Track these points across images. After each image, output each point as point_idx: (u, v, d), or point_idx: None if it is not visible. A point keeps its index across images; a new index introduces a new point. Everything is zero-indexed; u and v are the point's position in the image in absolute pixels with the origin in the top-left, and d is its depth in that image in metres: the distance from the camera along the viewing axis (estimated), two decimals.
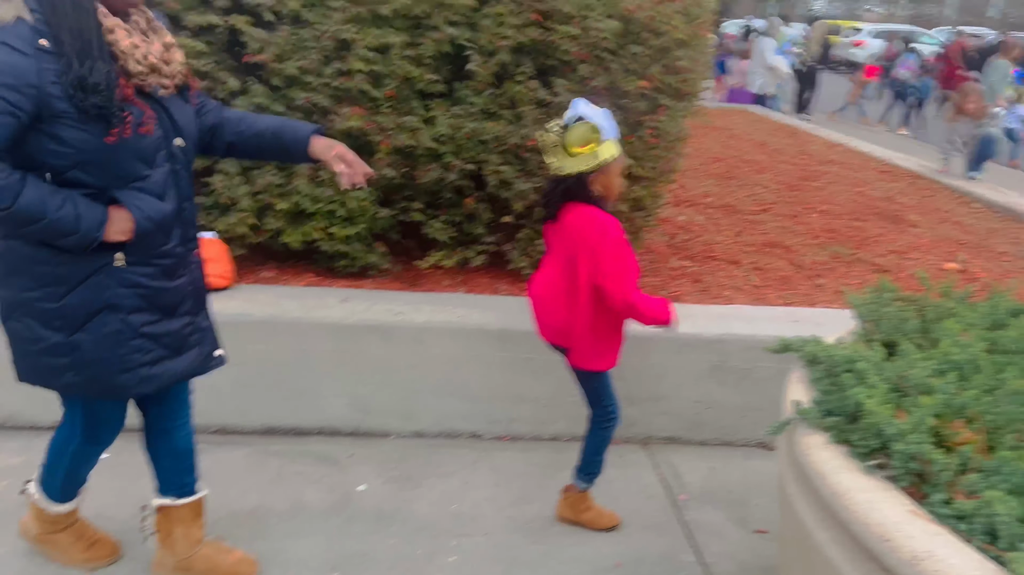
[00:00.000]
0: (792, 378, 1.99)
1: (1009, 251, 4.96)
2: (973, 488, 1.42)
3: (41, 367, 1.94)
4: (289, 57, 3.17)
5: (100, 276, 1.86)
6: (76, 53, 1.67)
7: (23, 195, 1.69)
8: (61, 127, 1.71)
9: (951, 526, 1.39)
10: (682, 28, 3.45)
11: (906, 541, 1.36)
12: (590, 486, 2.71)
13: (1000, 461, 1.43)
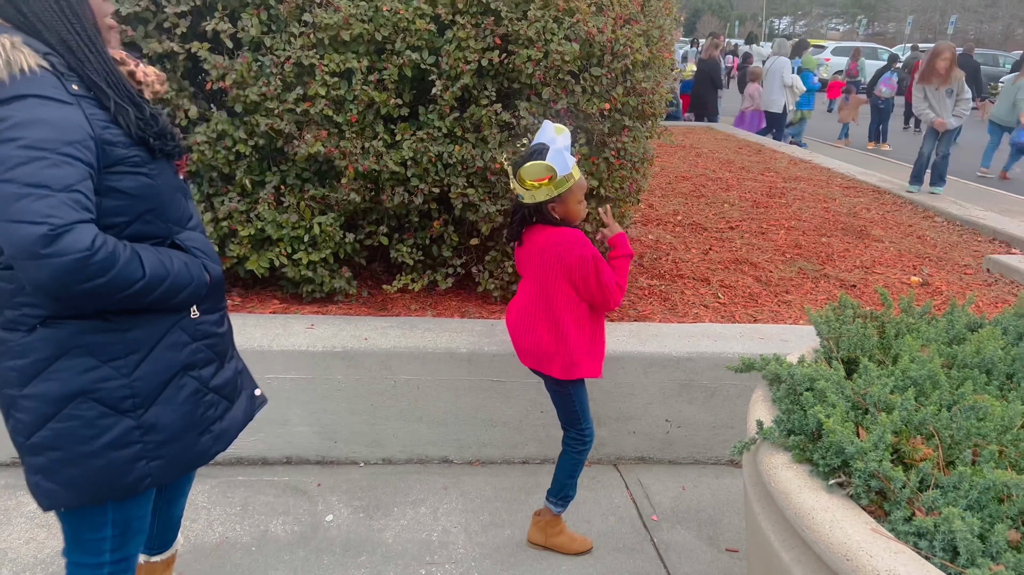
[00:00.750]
0: (755, 397, 1.99)
1: (971, 264, 5.04)
2: (933, 505, 1.42)
3: (102, 470, 1.58)
4: (250, 83, 3.16)
5: (176, 333, 1.65)
6: (115, 92, 1.51)
7: (145, 260, 1.51)
8: (118, 177, 1.51)
9: (912, 543, 1.39)
10: (643, 50, 3.49)
11: (868, 560, 1.36)
12: (563, 510, 2.69)
13: (959, 477, 1.44)
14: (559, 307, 2.40)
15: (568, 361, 2.44)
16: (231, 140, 3.25)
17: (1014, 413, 1.62)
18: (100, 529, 1.69)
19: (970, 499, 1.41)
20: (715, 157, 8.40)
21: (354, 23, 3.14)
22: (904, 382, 1.77)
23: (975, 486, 1.41)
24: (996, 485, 1.40)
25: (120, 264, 1.45)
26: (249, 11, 3.16)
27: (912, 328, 2.11)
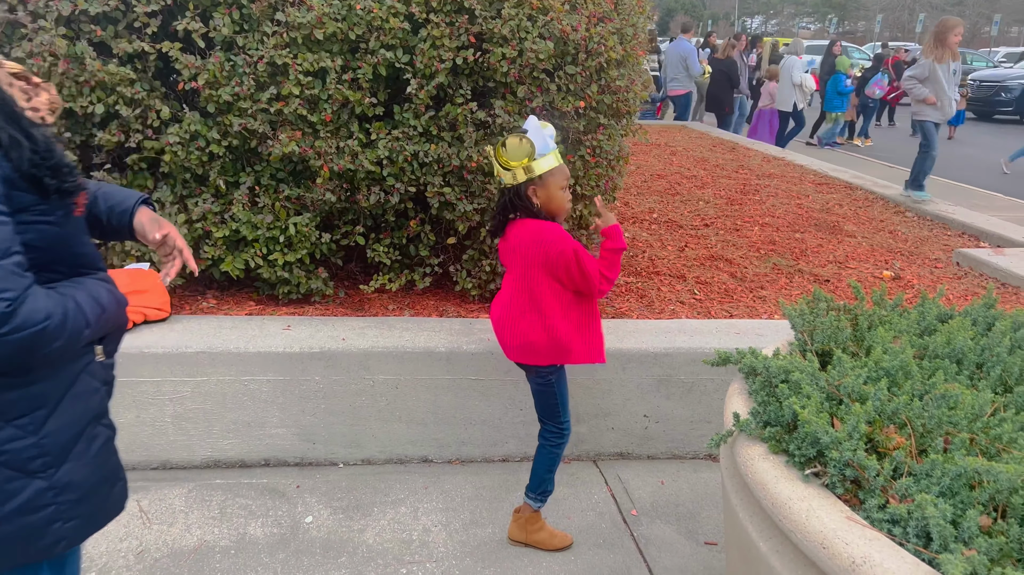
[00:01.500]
0: (732, 390, 2.01)
1: (941, 258, 5.12)
2: (906, 492, 1.45)
3: (12, 536, 1.38)
4: (223, 83, 3.13)
5: (85, 380, 1.47)
6: (8, 124, 1.29)
7: (81, 302, 1.36)
8: (24, 226, 1.30)
9: (886, 530, 1.41)
10: (616, 48, 3.50)
11: (844, 547, 1.37)
12: (542, 505, 2.70)
13: (931, 464, 1.46)
14: (543, 298, 2.42)
15: (557, 348, 2.45)
16: (204, 141, 3.22)
17: (984, 401, 1.65)
18: None
19: (942, 486, 1.43)
20: (690, 155, 8.46)
21: (327, 22, 3.13)
22: (877, 373, 1.79)
23: (947, 473, 1.43)
24: (967, 472, 1.42)
25: (70, 318, 1.32)
26: (221, 10, 3.14)
27: (884, 320, 2.14)
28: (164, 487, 2.98)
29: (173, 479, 3.05)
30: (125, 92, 3.10)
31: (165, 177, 3.38)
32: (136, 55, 3.17)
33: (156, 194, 3.33)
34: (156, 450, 3.11)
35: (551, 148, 2.37)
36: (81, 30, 3.12)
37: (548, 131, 2.39)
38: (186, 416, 3.08)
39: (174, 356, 3.00)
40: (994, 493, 1.41)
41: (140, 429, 3.07)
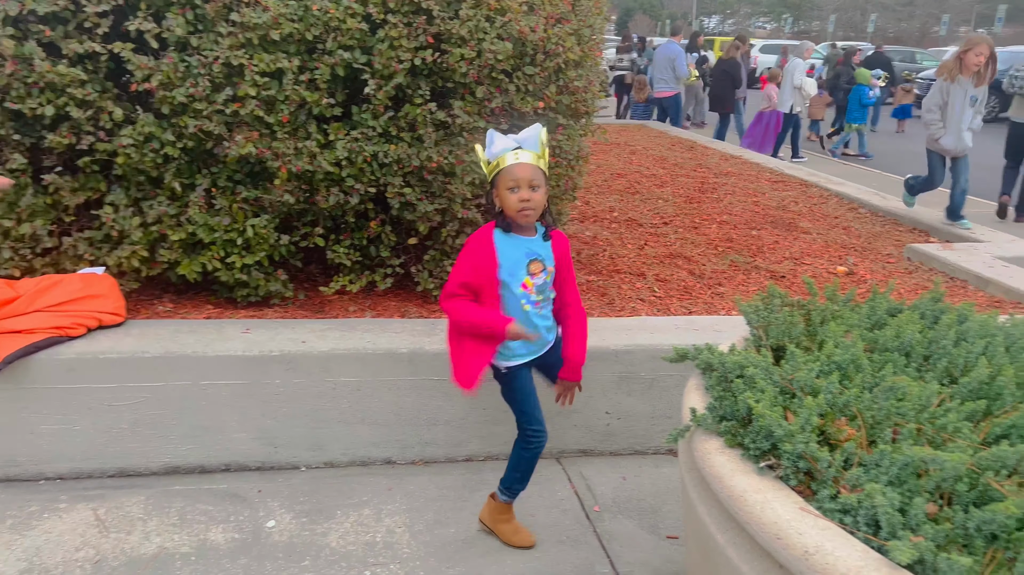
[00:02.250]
0: (689, 386, 2.04)
1: (893, 253, 5.24)
2: (856, 482, 1.49)
3: None
4: (177, 85, 3.09)
5: None
6: None
7: None
8: None
9: (838, 520, 1.45)
10: (574, 49, 3.53)
11: (797, 538, 1.41)
12: (510, 499, 2.72)
13: (880, 454, 1.51)
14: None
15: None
16: (159, 143, 3.17)
17: (930, 392, 1.71)
18: None
19: (891, 475, 1.48)
20: (649, 154, 8.55)
21: (284, 23, 3.11)
22: (829, 366, 1.84)
23: (895, 463, 1.48)
24: (914, 461, 1.47)
25: None
26: (174, 10, 3.10)
27: (836, 315, 2.20)
28: (121, 495, 2.93)
29: (131, 486, 3.00)
30: (76, 93, 3.04)
31: (119, 180, 3.33)
32: (87, 56, 3.11)
33: (110, 197, 3.28)
34: (113, 457, 3.06)
35: (508, 149, 2.36)
36: (29, 30, 3.05)
37: (527, 131, 2.40)
38: (144, 422, 3.03)
39: (130, 361, 2.96)
40: (940, 481, 1.45)
41: (96, 436, 3.02)
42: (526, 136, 2.39)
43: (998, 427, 1.64)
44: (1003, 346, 1.99)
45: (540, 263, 2.46)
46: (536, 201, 2.37)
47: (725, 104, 12.33)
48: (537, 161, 2.38)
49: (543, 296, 2.51)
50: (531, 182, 2.36)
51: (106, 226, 3.25)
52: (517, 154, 2.36)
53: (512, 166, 2.35)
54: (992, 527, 1.35)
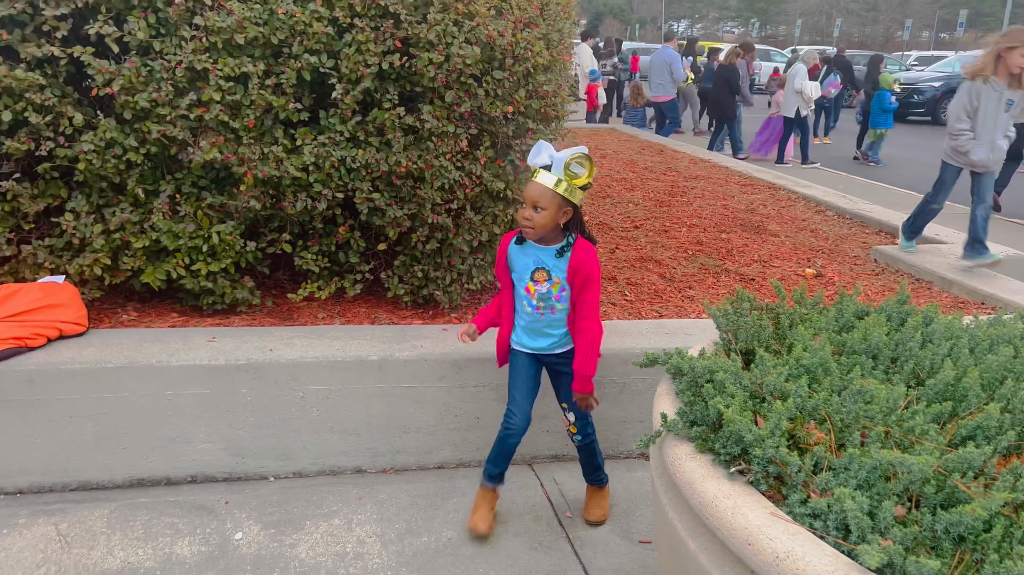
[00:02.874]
0: (660, 391, 2.04)
1: (860, 255, 5.31)
2: (826, 486, 1.49)
3: None
4: (139, 89, 3.03)
5: None
6: None
7: None
8: None
9: (808, 524, 1.45)
10: (543, 53, 3.52)
11: (767, 543, 1.41)
12: (487, 484, 2.81)
13: (849, 458, 1.51)
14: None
15: None
16: (121, 148, 3.11)
17: (897, 395, 1.71)
18: None
19: (859, 479, 1.48)
20: (619, 158, 8.58)
21: (248, 26, 3.06)
22: (798, 370, 1.85)
23: (863, 466, 1.48)
24: (882, 464, 1.47)
25: None
26: (136, 14, 3.04)
27: (804, 318, 2.21)
28: (84, 509, 2.86)
29: (93, 500, 2.93)
30: (34, 98, 2.97)
31: (80, 186, 3.26)
32: (45, 60, 3.04)
33: (71, 204, 3.21)
34: (75, 470, 2.99)
35: (538, 165, 2.51)
36: None
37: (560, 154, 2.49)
38: (107, 434, 2.96)
39: (93, 372, 2.89)
40: (908, 484, 1.46)
41: (57, 449, 2.95)
42: (559, 158, 2.48)
43: (964, 429, 1.65)
44: (967, 347, 2.02)
45: (546, 273, 2.60)
46: (535, 221, 2.50)
47: (723, 110, 12.46)
48: (555, 185, 2.47)
49: (546, 304, 2.64)
50: (535, 202, 2.48)
51: (67, 233, 3.18)
52: (539, 172, 2.49)
53: (528, 183, 2.52)
54: (959, 529, 1.36)
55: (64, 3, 2.96)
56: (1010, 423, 1.66)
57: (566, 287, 2.60)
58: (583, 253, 2.56)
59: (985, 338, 2.09)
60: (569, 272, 2.56)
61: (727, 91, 12.26)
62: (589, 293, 2.59)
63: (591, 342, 2.61)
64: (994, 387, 1.84)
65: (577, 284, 2.57)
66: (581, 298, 2.60)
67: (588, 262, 2.56)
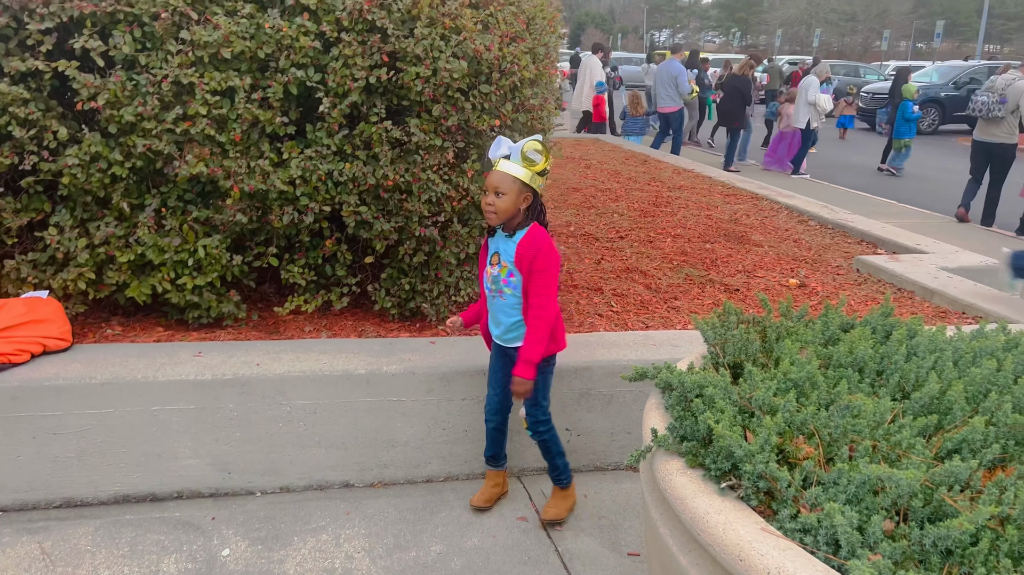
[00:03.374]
0: (649, 405, 2.05)
1: (842, 265, 5.36)
2: (816, 501, 1.50)
3: None
4: (125, 103, 3.02)
5: None
6: None
7: None
8: None
9: (798, 540, 1.46)
10: (529, 67, 3.55)
11: (759, 559, 1.42)
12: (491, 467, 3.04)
13: (837, 473, 1.53)
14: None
15: None
16: (106, 162, 3.09)
17: (884, 409, 1.74)
18: None
19: (848, 494, 1.50)
20: (604, 168, 8.62)
21: (235, 40, 3.06)
22: (786, 384, 1.86)
23: (852, 481, 1.50)
24: (871, 479, 1.49)
25: None
26: (121, 28, 3.03)
27: (791, 331, 2.23)
28: (68, 526, 2.84)
29: (78, 517, 2.90)
30: (18, 112, 2.95)
31: (64, 200, 3.24)
32: (30, 74, 3.03)
33: (55, 218, 3.18)
34: (59, 487, 2.96)
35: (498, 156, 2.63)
36: None
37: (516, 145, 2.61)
38: (91, 450, 2.94)
39: (77, 388, 2.87)
40: (896, 498, 1.48)
41: (41, 465, 2.92)
42: (516, 147, 2.61)
43: (949, 442, 1.68)
44: (951, 360, 2.04)
45: (497, 255, 2.72)
46: (497, 205, 2.59)
47: (734, 119, 12.57)
48: (509, 168, 2.59)
49: (496, 287, 2.74)
50: (496, 188, 2.59)
51: (50, 248, 3.16)
52: (499, 162, 2.60)
53: (490, 172, 2.62)
54: (947, 543, 1.38)
55: (49, 17, 2.95)
56: (995, 436, 1.68)
57: (515, 272, 2.67)
58: (530, 236, 2.65)
59: (968, 351, 2.12)
60: (516, 256, 2.64)
61: (740, 102, 12.38)
62: (539, 278, 2.63)
63: (536, 328, 2.64)
64: (978, 400, 1.87)
65: (524, 269, 2.64)
66: (531, 282, 2.64)
67: (535, 245, 2.63)
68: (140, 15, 3.04)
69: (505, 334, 2.80)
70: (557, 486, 3.04)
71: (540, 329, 2.64)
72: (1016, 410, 1.80)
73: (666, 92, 12.47)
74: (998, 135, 9.09)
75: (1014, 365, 2.00)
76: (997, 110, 8.92)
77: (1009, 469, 1.61)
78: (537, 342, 2.64)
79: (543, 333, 2.65)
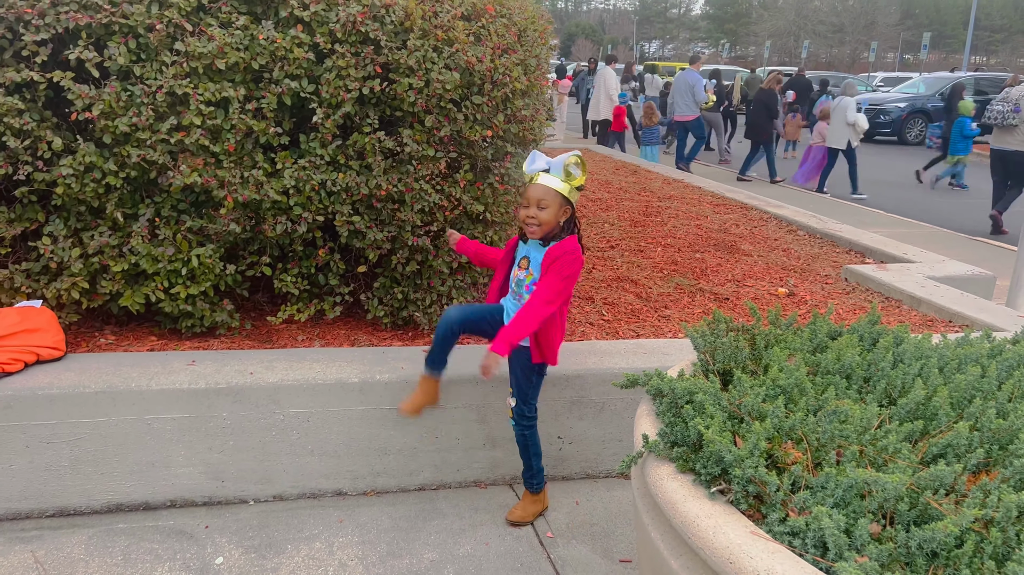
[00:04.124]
0: (640, 411, 2.08)
1: (831, 274, 5.41)
2: (804, 505, 1.53)
3: None
4: (120, 114, 3.04)
5: None
6: None
7: None
8: None
9: (787, 543, 1.49)
10: (521, 79, 3.59)
11: (748, 562, 1.45)
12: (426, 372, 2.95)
13: (825, 477, 1.56)
14: None
15: None
16: (100, 172, 3.11)
17: (870, 415, 1.77)
18: None
19: (836, 497, 1.53)
20: (594, 178, 8.67)
21: (229, 52, 3.09)
22: (774, 390, 1.90)
23: (840, 485, 1.53)
24: (858, 483, 1.52)
25: None
26: (116, 39, 3.05)
27: (780, 339, 2.27)
28: (61, 535, 2.84)
29: (71, 526, 2.90)
30: (12, 123, 2.97)
31: (58, 210, 3.25)
32: (25, 84, 3.04)
33: (48, 227, 3.19)
34: (52, 496, 2.96)
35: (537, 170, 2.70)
36: None
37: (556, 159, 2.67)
38: (85, 459, 2.94)
39: (71, 397, 2.87)
40: (882, 502, 1.51)
41: (34, 475, 2.92)
42: (556, 161, 2.66)
43: (935, 447, 1.71)
44: (937, 367, 2.08)
45: (527, 260, 2.81)
46: (540, 217, 2.68)
47: (761, 133, 12.70)
48: (552, 181, 2.67)
49: (519, 290, 2.84)
50: (539, 201, 2.68)
51: (44, 257, 3.17)
52: (539, 176, 2.66)
53: (529, 186, 2.71)
54: (932, 545, 1.41)
55: (44, 28, 2.97)
56: (979, 441, 1.72)
57: (535, 276, 2.75)
58: (561, 244, 2.72)
59: (954, 358, 2.16)
60: (545, 258, 2.70)
61: (766, 115, 12.51)
62: (553, 275, 2.67)
63: (528, 312, 2.62)
64: (963, 406, 1.90)
65: (545, 266, 2.69)
66: (544, 276, 2.69)
67: (563, 249, 2.69)
68: (135, 26, 3.06)
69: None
70: (528, 490, 3.07)
71: (530, 315, 2.61)
72: (1000, 415, 1.84)
73: (683, 101, 12.67)
74: (1012, 143, 9.53)
75: (998, 372, 2.04)
76: (1011, 118, 9.38)
77: (993, 473, 1.65)
78: (522, 325, 2.61)
79: (531, 321, 2.62)
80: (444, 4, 3.46)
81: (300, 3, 3.22)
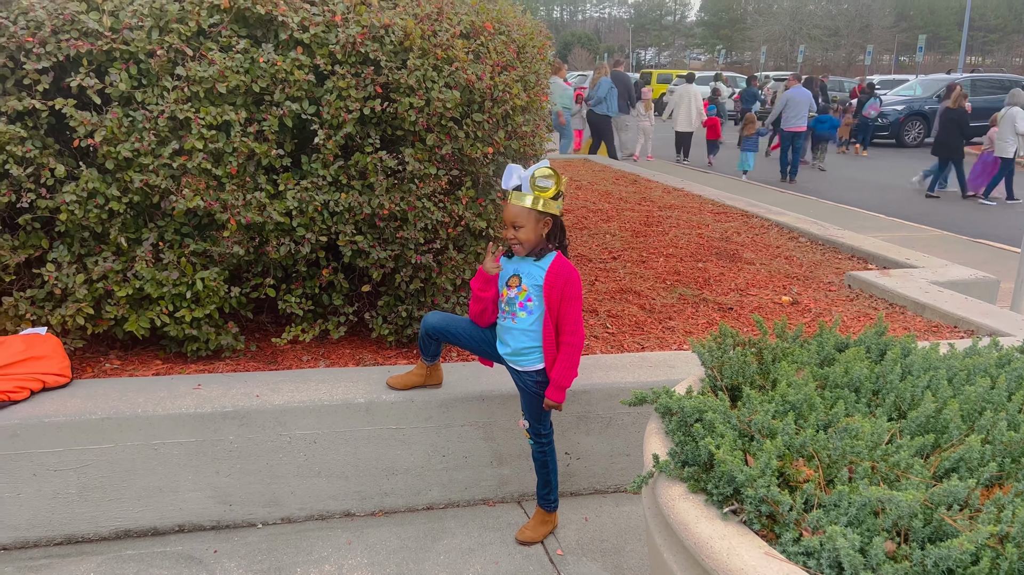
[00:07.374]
0: (649, 430, 2.07)
1: (834, 281, 5.41)
2: (817, 524, 1.53)
3: None
4: (122, 139, 3.05)
5: None
6: None
7: None
8: None
9: (802, 563, 1.48)
10: (521, 95, 3.59)
11: None
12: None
13: (838, 495, 1.55)
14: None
15: None
16: (103, 198, 3.11)
17: (881, 429, 1.76)
18: None
19: (849, 516, 1.52)
20: (594, 189, 8.68)
21: (230, 75, 3.10)
22: (784, 407, 1.89)
23: (853, 503, 1.52)
24: (871, 500, 1.52)
25: None
26: (117, 65, 3.06)
27: (787, 353, 2.26)
28: (70, 563, 2.83)
29: (80, 554, 2.90)
30: (15, 151, 2.97)
31: (61, 236, 3.25)
32: (26, 112, 3.05)
33: (52, 254, 3.20)
34: (60, 524, 2.95)
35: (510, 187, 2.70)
36: None
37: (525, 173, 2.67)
38: (92, 486, 2.93)
39: (77, 424, 2.87)
40: (896, 519, 1.50)
41: (41, 503, 2.91)
42: (526, 176, 2.65)
43: (947, 461, 1.70)
44: (946, 378, 2.08)
45: (518, 279, 2.76)
46: (519, 238, 2.68)
47: (951, 151, 12.71)
48: (529, 203, 2.64)
49: (510, 310, 2.77)
50: (514, 222, 2.67)
51: (48, 284, 3.17)
52: (513, 194, 2.68)
53: (505, 206, 2.71)
54: (948, 563, 1.40)
55: (45, 56, 2.98)
56: (991, 454, 1.71)
57: (533, 297, 2.72)
58: (557, 266, 2.72)
59: (962, 368, 2.15)
60: (546, 287, 2.69)
61: (956, 132, 12.56)
62: (569, 306, 2.70)
63: (571, 355, 2.72)
64: (974, 418, 1.90)
65: (555, 299, 2.69)
66: (562, 313, 2.71)
67: (563, 276, 2.70)
68: (136, 52, 3.07)
69: (514, 355, 2.82)
70: (542, 507, 3.04)
71: (572, 355, 2.73)
72: (1011, 427, 1.83)
73: (798, 114, 13.98)
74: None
75: (1007, 382, 2.04)
76: None
77: (1006, 487, 1.64)
78: (569, 368, 2.73)
79: (575, 359, 2.74)
80: (443, 23, 3.48)
81: (300, 25, 3.23)
